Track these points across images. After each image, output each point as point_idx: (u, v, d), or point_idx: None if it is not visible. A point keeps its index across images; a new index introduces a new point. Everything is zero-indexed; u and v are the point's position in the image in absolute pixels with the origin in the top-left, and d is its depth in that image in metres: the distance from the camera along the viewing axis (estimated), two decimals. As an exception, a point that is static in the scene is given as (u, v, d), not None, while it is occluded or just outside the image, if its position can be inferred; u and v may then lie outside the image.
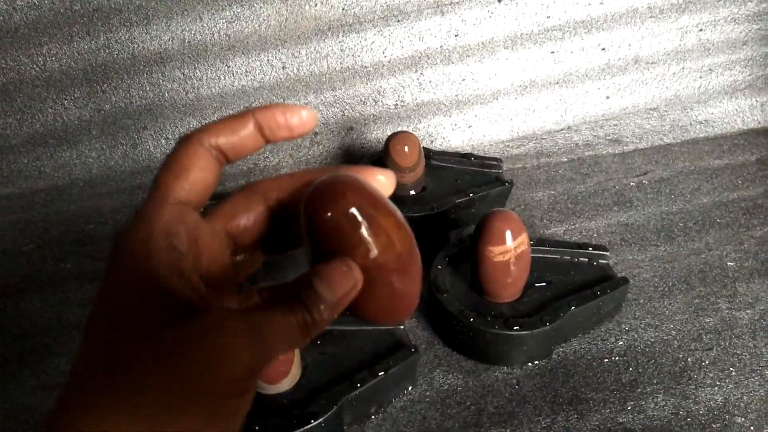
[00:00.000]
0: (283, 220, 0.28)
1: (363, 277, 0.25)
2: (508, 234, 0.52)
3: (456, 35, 0.79)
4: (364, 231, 0.24)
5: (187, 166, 0.26)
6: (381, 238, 0.25)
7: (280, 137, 0.28)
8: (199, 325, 0.22)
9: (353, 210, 0.24)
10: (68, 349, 0.57)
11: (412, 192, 0.68)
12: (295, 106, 0.28)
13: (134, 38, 0.76)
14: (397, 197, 0.67)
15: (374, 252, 0.25)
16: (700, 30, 0.82)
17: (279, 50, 0.78)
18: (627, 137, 0.83)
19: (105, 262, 0.23)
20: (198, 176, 0.26)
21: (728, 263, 0.64)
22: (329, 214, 0.24)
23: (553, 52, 0.81)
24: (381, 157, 0.69)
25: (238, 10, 0.76)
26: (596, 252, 0.59)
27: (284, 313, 0.23)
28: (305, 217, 0.25)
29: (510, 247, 0.52)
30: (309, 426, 0.45)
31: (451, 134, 0.83)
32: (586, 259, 0.59)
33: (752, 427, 0.49)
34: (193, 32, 0.76)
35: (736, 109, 0.85)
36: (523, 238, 0.52)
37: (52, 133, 0.79)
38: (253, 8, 0.76)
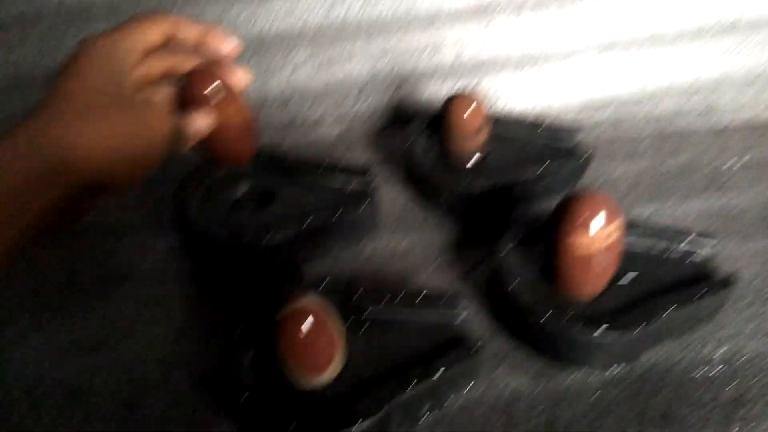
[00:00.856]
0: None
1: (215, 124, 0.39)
2: (597, 221, 0.42)
3: (531, -19, 0.69)
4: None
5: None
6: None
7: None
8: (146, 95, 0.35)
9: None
10: (81, 310, 0.51)
11: (473, 161, 0.59)
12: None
13: (168, -34, 0.67)
14: (455, 167, 0.59)
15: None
16: (819, -13, 0.70)
17: (327, -11, 0.69)
18: (720, 110, 0.72)
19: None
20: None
21: None
22: (204, 93, 0.38)
23: (640, 5, 0.70)
24: (437, 116, 0.60)
25: (284, -59, 0.66)
26: (697, 241, 0.50)
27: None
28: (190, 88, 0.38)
29: (598, 237, 0.43)
30: (354, 428, 0.38)
31: (516, 96, 0.73)
32: (683, 251, 0.50)
33: None
34: (232, -37, 0.67)
35: None
36: (616, 225, 0.43)
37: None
38: (301, -61, 0.67)
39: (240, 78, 0.39)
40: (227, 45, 0.39)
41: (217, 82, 0.38)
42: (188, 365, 0.47)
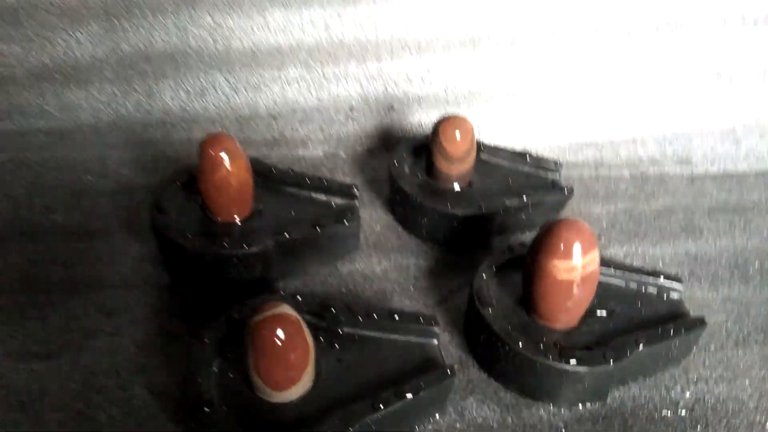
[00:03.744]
0: None
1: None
2: (578, 248, 0.43)
3: (523, 15, 0.70)
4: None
5: None
6: None
7: None
8: None
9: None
10: (42, 315, 0.49)
11: (457, 185, 0.60)
12: None
13: (165, -26, 0.68)
14: (440, 190, 0.59)
15: None
16: (795, 50, 0.73)
17: (324, 8, 0.70)
18: (697, 158, 0.74)
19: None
20: None
21: (813, 316, 0.55)
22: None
23: (626, 51, 0.72)
24: (425, 143, 0.61)
25: (286, -42, 0.67)
26: (669, 283, 0.51)
27: None
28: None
29: (578, 264, 0.43)
30: (318, 451, 0.37)
31: (502, 129, 0.74)
32: (656, 290, 0.51)
33: None
34: (231, -24, 0.68)
35: (821, 144, 0.76)
36: (594, 255, 0.44)
37: (60, 69, 0.70)
38: (302, -42, 0.67)
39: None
40: None
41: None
42: (148, 377, 0.45)
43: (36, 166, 0.65)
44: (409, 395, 0.40)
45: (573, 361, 0.43)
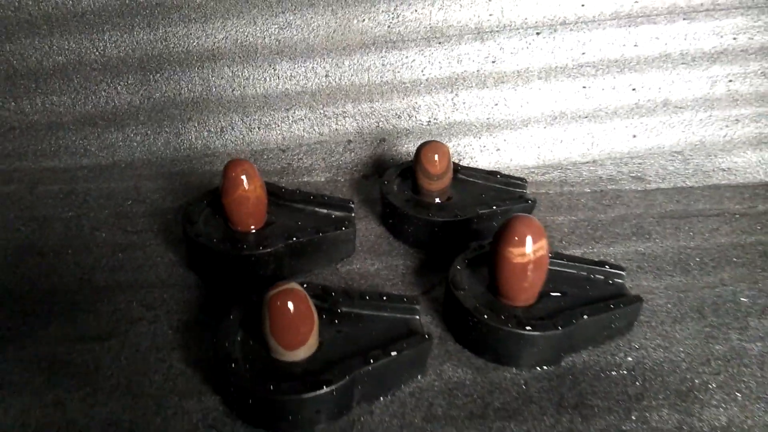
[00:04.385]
0: None
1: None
2: (529, 238, 0.54)
3: (493, 62, 0.83)
4: None
5: None
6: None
7: None
8: None
9: None
10: (95, 308, 0.60)
11: (438, 200, 0.71)
12: None
13: (190, 34, 0.81)
14: (423, 204, 0.70)
15: None
16: (730, 81, 0.85)
17: (324, 59, 0.82)
18: (650, 176, 0.85)
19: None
20: None
21: (741, 299, 0.64)
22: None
23: (584, 87, 0.84)
24: (410, 166, 0.72)
25: (290, 18, 0.81)
26: (613, 270, 0.61)
27: None
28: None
29: (529, 250, 0.54)
30: (321, 392, 0.46)
31: (479, 155, 0.85)
32: (602, 277, 0.61)
33: (755, 450, 0.49)
34: (246, 34, 0.81)
35: (760, 161, 0.87)
36: (543, 243, 0.54)
37: (102, 115, 0.83)
38: (304, 17, 0.81)
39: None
40: None
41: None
42: (183, 353, 0.55)
43: (82, 194, 0.77)
44: (394, 353, 0.50)
45: (528, 328, 0.53)
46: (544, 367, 0.55)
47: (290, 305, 0.48)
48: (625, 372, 0.55)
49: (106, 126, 0.83)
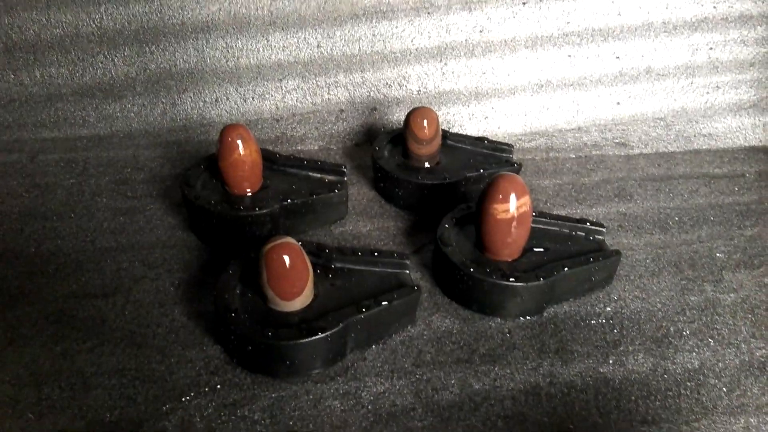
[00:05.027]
0: None
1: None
2: (512, 195, 0.56)
3: (481, 31, 0.85)
4: None
5: None
6: None
7: None
8: None
9: None
10: (98, 267, 0.62)
11: (427, 164, 0.73)
12: None
13: (185, 6, 0.83)
14: (413, 168, 0.73)
15: None
16: (711, 48, 0.88)
17: (316, 30, 0.84)
18: (633, 142, 0.88)
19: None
20: None
21: (717, 254, 0.68)
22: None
23: (570, 56, 0.87)
24: (401, 133, 0.75)
25: (283, -11, 0.82)
26: (593, 227, 0.64)
27: None
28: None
29: (513, 207, 0.56)
30: (316, 337, 0.49)
31: (468, 123, 0.88)
32: (583, 234, 0.64)
33: (725, 389, 0.52)
34: (239, 5, 0.83)
35: (739, 126, 0.90)
36: (526, 200, 0.57)
37: (99, 86, 0.85)
38: (297, -11, 0.82)
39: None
40: None
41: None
42: (184, 307, 0.58)
43: (82, 163, 0.79)
44: (385, 303, 0.53)
45: (512, 279, 0.56)
46: (528, 317, 0.59)
47: (286, 258, 0.51)
48: (603, 321, 0.59)
49: (103, 97, 0.85)
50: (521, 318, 0.58)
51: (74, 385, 0.50)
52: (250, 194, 0.67)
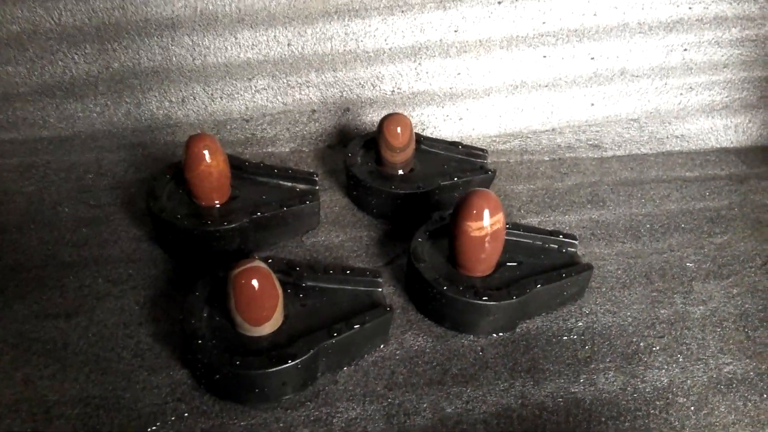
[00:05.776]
0: None
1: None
2: (486, 212, 0.56)
3: (455, 31, 0.83)
4: None
5: None
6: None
7: None
8: None
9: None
10: (60, 284, 0.60)
11: (401, 171, 0.72)
12: None
13: (149, 2, 0.79)
14: (387, 175, 0.71)
15: None
16: (685, 50, 0.87)
17: (286, 28, 0.82)
18: (607, 144, 0.88)
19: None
20: None
21: (687, 264, 0.68)
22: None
23: (545, 57, 0.85)
24: (374, 137, 0.73)
25: (251, -15, 0.79)
26: (566, 240, 0.64)
27: None
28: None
29: (486, 224, 0.56)
30: (286, 366, 0.48)
31: (442, 124, 0.87)
32: (556, 246, 0.64)
33: (692, 408, 0.53)
34: (205, 2, 0.80)
35: (711, 128, 0.90)
36: (500, 217, 0.56)
37: (59, 85, 0.81)
38: (266, -15, 0.79)
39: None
40: None
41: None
42: (150, 328, 0.57)
43: (42, 168, 0.76)
44: (357, 326, 0.52)
45: (485, 299, 0.56)
46: (500, 334, 0.58)
47: (254, 283, 0.49)
48: (575, 337, 0.59)
49: (64, 96, 0.82)
50: (494, 335, 0.58)
51: (36, 415, 0.49)
52: (218, 205, 0.65)
